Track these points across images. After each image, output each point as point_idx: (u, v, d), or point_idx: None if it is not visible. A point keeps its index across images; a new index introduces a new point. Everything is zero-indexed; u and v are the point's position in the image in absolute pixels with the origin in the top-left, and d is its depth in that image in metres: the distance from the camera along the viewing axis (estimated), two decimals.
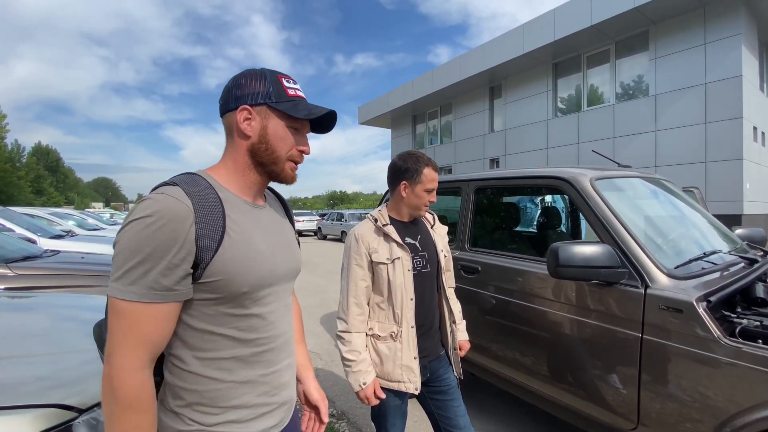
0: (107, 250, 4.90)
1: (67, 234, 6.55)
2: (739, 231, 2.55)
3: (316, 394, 1.04)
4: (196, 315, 0.73)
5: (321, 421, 1.04)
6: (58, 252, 3.87)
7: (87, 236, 6.84)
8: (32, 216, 7.28)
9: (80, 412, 1.01)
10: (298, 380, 1.04)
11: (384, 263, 1.43)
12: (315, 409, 1.05)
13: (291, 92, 0.82)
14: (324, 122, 0.87)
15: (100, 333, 0.81)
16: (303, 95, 0.85)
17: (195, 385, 0.74)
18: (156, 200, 0.68)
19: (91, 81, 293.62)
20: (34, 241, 4.82)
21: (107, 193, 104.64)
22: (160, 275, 0.66)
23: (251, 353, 0.78)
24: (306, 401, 1.06)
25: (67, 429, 0.97)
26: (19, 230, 5.20)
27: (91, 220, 11.07)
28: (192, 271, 0.70)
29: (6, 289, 2.72)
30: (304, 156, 0.87)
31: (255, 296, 0.77)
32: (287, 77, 0.84)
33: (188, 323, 0.73)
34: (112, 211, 35.72)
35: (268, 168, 0.83)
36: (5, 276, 2.81)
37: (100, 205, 74.04)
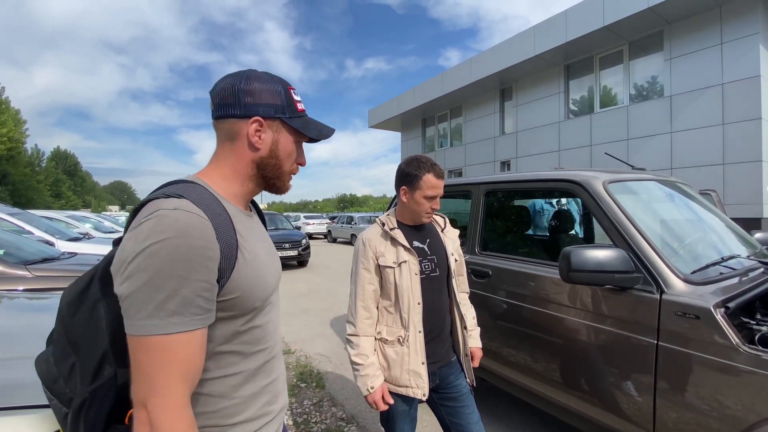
0: None
1: (84, 236, 6.70)
2: (758, 235, 2.49)
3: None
4: (211, 336, 0.68)
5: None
6: (76, 254, 3.97)
7: (103, 239, 6.97)
8: (50, 219, 7.46)
9: None
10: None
11: (391, 267, 1.43)
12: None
13: (300, 107, 0.80)
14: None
15: (48, 369, 0.72)
16: (303, 107, 0.84)
17: (203, 407, 0.71)
18: (174, 218, 0.60)
19: (110, 87, 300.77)
20: (52, 244, 4.94)
21: (123, 196, 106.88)
22: (200, 298, 0.61)
23: (256, 366, 0.77)
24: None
25: None
26: (37, 233, 5.32)
27: (107, 223, 11.31)
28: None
29: (25, 290, 2.79)
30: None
31: (261, 308, 0.76)
32: (293, 88, 0.82)
33: None
34: (128, 214, 36.40)
35: (270, 181, 0.81)
36: (24, 277, 2.88)
37: (116, 208, 75.70)
